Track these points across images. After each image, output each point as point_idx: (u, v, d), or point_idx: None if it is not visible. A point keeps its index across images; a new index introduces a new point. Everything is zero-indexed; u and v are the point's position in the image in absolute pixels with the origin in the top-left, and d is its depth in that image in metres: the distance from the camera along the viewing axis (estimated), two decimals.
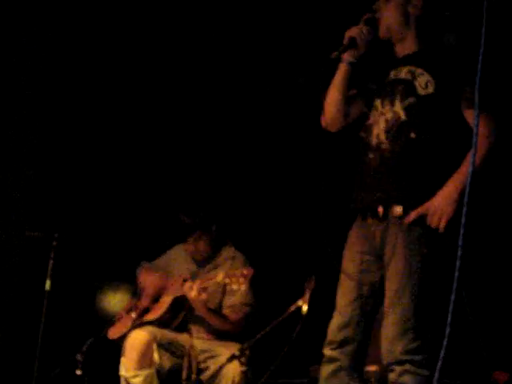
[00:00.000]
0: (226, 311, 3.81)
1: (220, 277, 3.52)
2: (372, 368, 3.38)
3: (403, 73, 2.60)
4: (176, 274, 3.97)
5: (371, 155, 2.58)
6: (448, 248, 2.37)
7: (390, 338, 2.40)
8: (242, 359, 3.42)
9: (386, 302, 2.47)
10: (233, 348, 3.60)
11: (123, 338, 3.70)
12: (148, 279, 4.01)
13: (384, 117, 2.58)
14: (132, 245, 4.71)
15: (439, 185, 2.44)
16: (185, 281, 3.75)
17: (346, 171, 2.86)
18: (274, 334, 3.46)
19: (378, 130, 2.58)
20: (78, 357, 3.75)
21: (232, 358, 3.43)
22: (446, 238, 2.40)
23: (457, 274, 1.47)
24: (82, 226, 4.67)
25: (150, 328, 3.65)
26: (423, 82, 2.54)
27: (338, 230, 2.68)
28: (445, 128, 2.54)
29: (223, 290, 3.79)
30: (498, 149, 2.47)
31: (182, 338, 3.70)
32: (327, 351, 2.57)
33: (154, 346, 3.56)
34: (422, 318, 2.40)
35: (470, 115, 2.50)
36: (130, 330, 3.70)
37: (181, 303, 3.74)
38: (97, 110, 4.87)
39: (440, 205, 2.39)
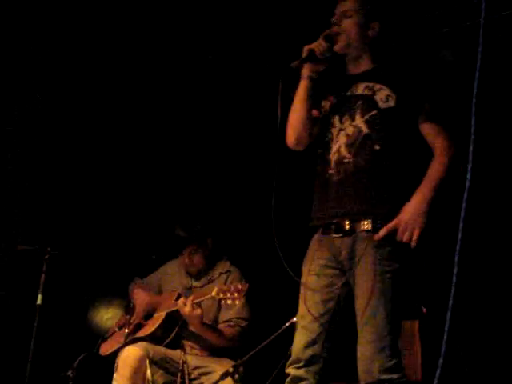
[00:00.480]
0: (221, 326, 3.78)
1: (214, 292, 3.50)
2: None
3: (360, 89, 2.62)
4: (169, 289, 3.95)
5: (331, 171, 2.57)
6: (418, 260, 2.43)
7: (367, 357, 2.35)
8: (236, 376, 3.39)
9: (359, 320, 2.42)
10: (226, 364, 3.57)
11: (115, 354, 3.67)
12: (141, 295, 3.99)
13: (344, 132, 2.58)
14: (125, 260, 4.69)
15: (406, 196, 2.44)
16: (179, 296, 3.73)
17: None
18: (269, 351, 3.43)
19: (339, 146, 2.57)
20: (70, 373, 3.72)
21: (226, 374, 3.39)
22: (416, 251, 2.41)
23: (453, 289, 1.45)
24: (75, 240, 4.64)
25: (142, 344, 3.62)
26: (383, 96, 2.56)
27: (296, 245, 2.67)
28: (407, 140, 2.56)
29: (218, 304, 3.78)
30: (458, 159, 2.50)
31: (176, 354, 3.67)
32: (292, 370, 2.51)
33: (147, 363, 3.52)
34: (395, 335, 2.38)
35: (426, 129, 2.54)
36: (122, 346, 3.67)
37: (174, 319, 3.71)
38: (90, 123, 4.86)
39: (410, 219, 2.38)
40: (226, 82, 4.59)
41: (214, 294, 3.49)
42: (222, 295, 3.45)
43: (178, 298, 3.72)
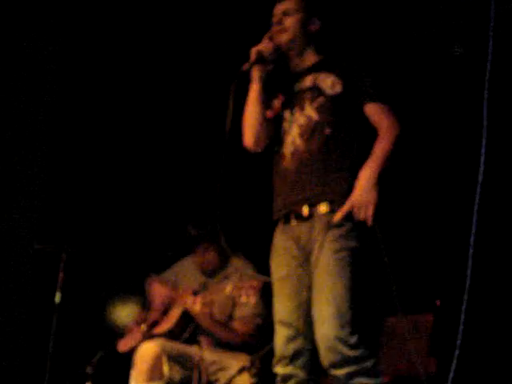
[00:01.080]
0: (236, 323, 3.80)
1: (228, 289, 3.51)
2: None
3: (307, 82, 2.65)
4: (185, 286, 3.97)
5: (286, 163, 2.60)
6: (375, 238, 2.41)
7: (329, 334, 2.33)
8: (252, 371, 3.40)
9: (316, 297, 2.40)
10: (243, 360, 3.59)
11: (133, 350, 3.69)
12: (157, 292, 4.01)
13: (296, 123, 2.61)
14: (141, 257, 4.71)
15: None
16: (194, 293, 3.75)
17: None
18: None
19: (293, 137, 2.60)
20: (88, 370, 3.74)
21: (242, 369, 3.42)
22: (373, 229, 2.41)
23: (469, 271, 1.46)
24: (92, 238, 4.67)
25: (159, 340, 3.64)
26: (329, 83, 2.59)
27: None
28: (357, 122, 2.59)
29: (233, 302, 3.79)
30: (402, 135, 2.53)
31: (192, 350, 3.69)
32: (280, 369, 2.50)
33: (164, 359, 3.55)
34: (356, 312, 2.36)
35: (370, 109, 2.57)
36: (139, 343, 3.70)
37: (190, 315, 3.73)
38: (106, 122, 4.88)
39: (362, 197, 2.39)
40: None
41: (227, 291, 3.51)
42: (236, 292, 3.46)
43: (193, 295, 3.74)
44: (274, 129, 2.70)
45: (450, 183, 4.01)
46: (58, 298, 3.78)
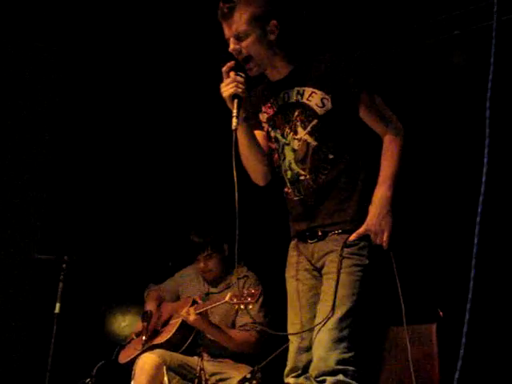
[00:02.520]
0: (237, 331, 3.79)
1: (228, 297, 3.50)
2: None
3: (293, 96, 2.50)
4: (187, 295, 3.96)
5: (288, 190, 2.55)
6: (388, 260, 2.39)
7: (325, 344, 2.30)
8: (254, 382, 3.38)
9: (321, 307, 2.38)
10: (244, 370, 3.57)
11: (133, 361, 3.68)
12: (156, 302, 4.00)
13: (289, 147, 2.51)
14: (141, 267, 4.70)
15: (370, 192, 2.42)
16: (194, 302, 3.74)
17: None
18: (286, 356, 3.42)
19: (289, 162, 2.52)
20: (88, 381, 3.72)
21: (243, 380, 3.39)
22: (387, 253, 2.40)
23: (472, 283, 1.45)
24: (92, 248, 4.66)
25: (159, 351, 3.63)
26: (319, 101, 2.45)
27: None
28: (356, 138, 2.51)
29: (236, 310, 3.77)
30: (407, 148, 2.48)
31: (193, 360, 3.68)
32: (292, 380, 2.48)
33: (164, 369, 3.53)
34: (355, 329, 2.34)
35: (369, 118, 2.48)
36: (139, 354, 3.68)
37: (190, 325, 3.71)
38: (106, 134, 4.88)
39: (377, 223, 2.36)
40: None
41: (227, 299, 3.50)
42: (235, 300, 3.45)
43: (192, 305, 3.74)
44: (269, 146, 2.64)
45: (452, 193, 3.99)
46: (57, 308, 3.77)
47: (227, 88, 2.39)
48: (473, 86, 3.73)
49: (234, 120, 2.36)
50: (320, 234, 2.48)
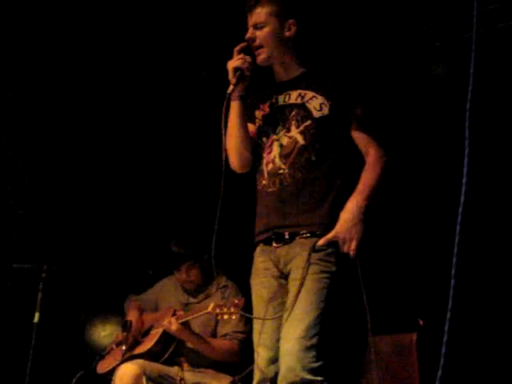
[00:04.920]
0: (219, 340, 3.78)
1: (211, 307, 3.49)
2: None
3: (293, 97, 2.59)
4: (167, 305, 3.95)
5: (265, 181, 2.56)
6: (353, 266, 2.39)
7: (293, 353, 2.28)
8: None
9: (289, 315, 2.35)
10: (224, 380, 3.57)
11: (113, 371, 3.65)
12: (137, 312, 3.98)
13: (278, 142, 2.55)
14: (121, 277, 4.68)
15: (343, 202, 2.44)
16: (174, 313, 3.73)
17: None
18: None
19: (273, 156, 2.55)
20: None
21: None
22: (354, 261, 2.39)
23: (451, 291, 1.45)
24: (71, 257, 4.63)
25: (139, 361, 3.61)
26: (317, 105, 2.53)
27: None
28: (342, 147, 2.56)
29: (215, 320, 3.76)
30: (389, 166, 2.53)
31: (173, 370, 3.66)
32: None
33: (144, 380, 3.51)
34: (324, 338, 2.32)
35: (357, 136, 2.54)
36: (119, 364, 3.66)
37: (170, 335, 3.70)
38: (84, 136, 4.86)
39: (347, 230, 2.36)
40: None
41: (210, 309, 3.49)
42: (218, 310, 3.45)
43: (174, 315, 3.72)
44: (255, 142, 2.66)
45: (432, 202, 4.02)
46: (36, 317, 3.74)
47: (234, 61, 2.54)
48: (453, 96, 3.77)
49: (231, 86, 2.49)
50: (287, 236, 2.47)
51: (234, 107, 2.57)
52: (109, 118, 4.88)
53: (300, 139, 2.51)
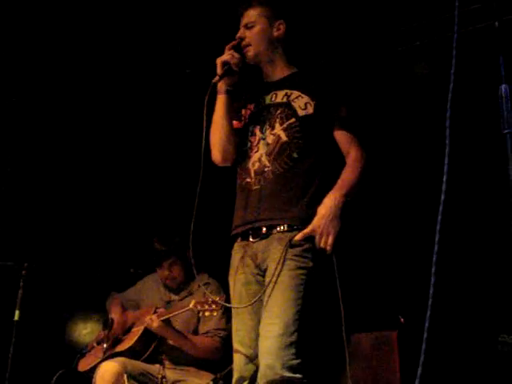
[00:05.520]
0: (200, 337, 3.78)
1: (192, 304, 3.49)
2: None
3: (279, 97, 2.63)
4: (148, 303, 3.94)
5: (250, 180, 2.58)
6: (329, 262, 2.41)
7: (272, 351, 2.28)
8: None
9: (267, 313, 2.36)
10: (206, 378, 3.57)
11: (94, 369, 3.64)
12: (118, 310, 3.97)
13: (264, 141, 2.59)
14: (103, 274, 4.66)
15: (322, 199, 2.46)
16: (156, 310, 3.72)
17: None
18: None
19: (260, 155, 2.58)
20: None
21: None
22: (330, 256, 2.41)
23: (432, 290, 1.47)
24: (52, 255, 4.61)
25: (120, 359, 3.60)
26: (302, 103, 2.57)
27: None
28: (324, 145, 2.59)
29: (197, 317, 3.76)
30: (368, 168, 2.56)
31: (154, 368, 3.65)
32: None
33: (125, 378, 3.50)
34: (301, 335, 2.32)
35: (340, 136, 2.58)
36: (100, 361, 3.65)
37: (152, 333, 3.69)
38: (67, 140, 4.84)
39: (323, 225, 2.38)
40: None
41: (191, 306, 3.49)
42: (199, 307, 3.44)
43: (155, 312, 3.71)
44: (239, 140, 2.67)
45: (413, 200, 4.04)
46: (17, 315, 3.72)
47: (222, 56, 2.60)
48: (434, 95, 3.79)
49: (217, 77, 2.57)
50: (264, 231, 2.48)
51: (221, 101, 2.62)
52: (89, 116, 4.85)
53: (283, 136, 2.54)
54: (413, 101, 4.15)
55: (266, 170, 2.54)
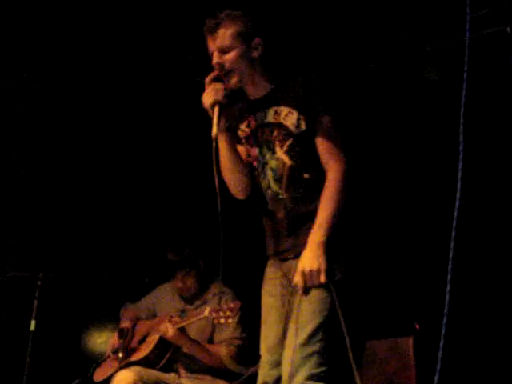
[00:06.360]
0: (216, 346, 3.77)
1: (207, 312, 3.49)
2: None
3: (270, 116, 2.53)
4: (163, 312, 3.94)
5: (270, 207, 2.55)
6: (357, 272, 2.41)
7: (294, 361, 2.27)
8: None
9: (292, 324, 2.36)
10: None
11: (109, 379, 3.65)
12: (133, 320, 3.98)
13: (268, 166, 2.53)
14: (117, 284, 4.68)
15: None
16: (171, 319, 3.72)
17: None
18: None
19: (268, 181, 2.54)
20: None
21: None
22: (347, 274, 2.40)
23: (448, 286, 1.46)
24: (67, 265, 4.62)
25: (136, 368, 3.60)
26: (294, 121, 2.46)
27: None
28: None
29: (212, 325, 3.77)
30: (350, 187, 2.43)
31: (169, 377, 3.66)
32: None
33: None
34: (329, 344, 2.31)
35: (320, 146, 2.45)
36: (116, 371, 3.65)
37: (167, 342, 3.70)
38: (79, 149, 4.86)
39: (310, 266, 2.31)
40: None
41: (206, 314, 3.49)
42: (214, 315, 3.44)
43: (170, 321, 3.71)
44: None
45: (428, 207, 4.03)
46: (32, 325, 3.73)
47: (207, 97, 2.44)
48: (446, 101, 3.78)
49: (214, 128, 2.40)
50: (294, 255, 2.47)
51: (222, 141, 2.50)
52: (103, 124, 4.87)
53: (286, 160, 2.48)
54: (424, 107, 4.14)
55: (280, 197, 2.51)
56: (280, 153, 2.50)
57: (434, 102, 4.08)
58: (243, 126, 2.62)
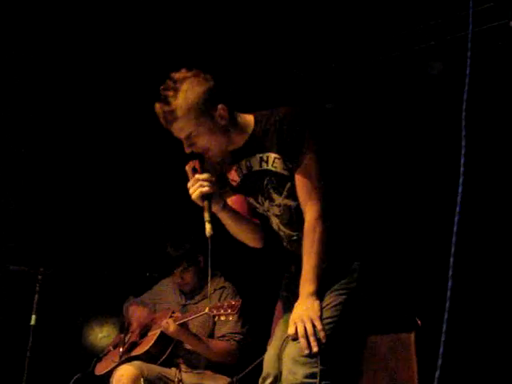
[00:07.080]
0: (216, 341, 3.77)
1: (208, 309, 3.49)
2: None
3: (256, 163, 2.45)
4: (164, 307, 3.94)
5: (285, 244, 2.55)
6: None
7: (294, 357, 2.27)
8: None
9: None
10: (222, 382, 3.57)
11: (110, 373, 3.65)
12: (135, 314, 3.98)
13: (270, 213, 2.51)
14: (118, 278, 4.68)
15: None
16: (173, 314, 3.72)
17: None
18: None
19: (276, 225, 2.52)
20: None
21: None
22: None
23: (448, 294, 1.45)
24: (68, 259, 4.63)
25: (137, 363, 3.60)
26: (282, 165, 2.39)
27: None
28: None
29: (213, 321, 3.77)
30: (330, 230, 2.37)
31: (170, 372, 3.65)
32: None
33: (142, 381, 3.51)
34: (331, 343, 2.28)
35: (297, 186, 2.38)
36: (117, 366, 3.65)
37: (168, 337, 3.69)
38: (80, 146, 4.85)
39: (303, 318, 2.28)
40: None
41: (207, 310, 3.49)
42: (215, 311, 3.44)
43: (171, 316, 3.72)
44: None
45: (430, 202, 4.02)
46: (33, 320, 3.73)
47: (193, 189, 2.38)
48: (449, 95, 3.77)
49: (208, 226, 2.30)
50: None
51: (223, 218, 2.47)
52: (104, 120, 4.87)
53: (291, 203, 2.44)
54: (427, 101, 4.12)
55: (294, 238, 2.49)
56: (280, 199, 2.46)
57: (436, 96, 4.07)
58: (232, 176, 2.55)
